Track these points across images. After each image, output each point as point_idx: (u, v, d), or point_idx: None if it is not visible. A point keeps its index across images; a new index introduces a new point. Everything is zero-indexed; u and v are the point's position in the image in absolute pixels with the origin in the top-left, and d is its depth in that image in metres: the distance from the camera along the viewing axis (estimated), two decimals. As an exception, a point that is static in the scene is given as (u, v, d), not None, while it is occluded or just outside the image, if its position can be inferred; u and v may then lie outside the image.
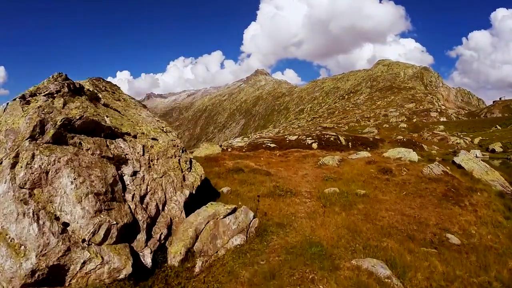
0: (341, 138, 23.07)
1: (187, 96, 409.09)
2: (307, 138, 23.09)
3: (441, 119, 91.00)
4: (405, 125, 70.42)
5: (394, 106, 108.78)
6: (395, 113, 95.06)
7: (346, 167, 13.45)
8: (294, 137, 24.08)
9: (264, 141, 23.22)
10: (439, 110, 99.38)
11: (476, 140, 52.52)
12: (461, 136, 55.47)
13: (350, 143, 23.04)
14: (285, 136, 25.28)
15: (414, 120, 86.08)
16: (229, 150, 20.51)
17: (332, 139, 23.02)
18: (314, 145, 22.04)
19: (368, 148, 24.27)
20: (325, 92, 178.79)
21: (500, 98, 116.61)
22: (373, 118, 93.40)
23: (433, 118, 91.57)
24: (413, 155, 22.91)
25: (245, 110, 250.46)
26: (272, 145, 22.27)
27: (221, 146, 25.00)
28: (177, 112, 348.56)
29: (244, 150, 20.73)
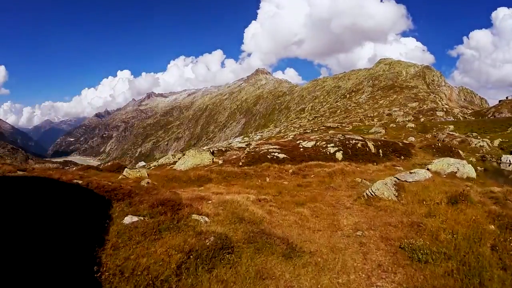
0: (370, 145, 16.94)
1: (188, 95, 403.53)
2: (328, 145, 17.11)
3: (448, 119, 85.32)
4: (412, 125, 64.90)
5: (397, 105, 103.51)
6: (399, 112, 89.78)
7: (418, 206, 7.39)
8: (311, 144, 17.91)
9: (270, 150, 17.11)
10: (444, 110, 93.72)
11: (496, 142, 46.96)
12: (478, 137, 49.68)
13: (380, 151, 17.01)
14: (298, 142, 19.20)
15: (422, 119, 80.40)
16: (220, 162, 14.55)
17: (359, 145, 16.81)
18: (339, 155, 16.25)
19: (402, 157, 18.23)
20: (326, 91, 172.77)
21: (507, 97, 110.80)
22: (377, 117, 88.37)
23: (439, 117, 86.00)
24: (469, 169, 16.68)
25: (245, 109, 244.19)
26: (281, 155, 16.28)
27: (213, 153, 18.88)
28: (178, 111, 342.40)
29: (241, 164, 14.74)
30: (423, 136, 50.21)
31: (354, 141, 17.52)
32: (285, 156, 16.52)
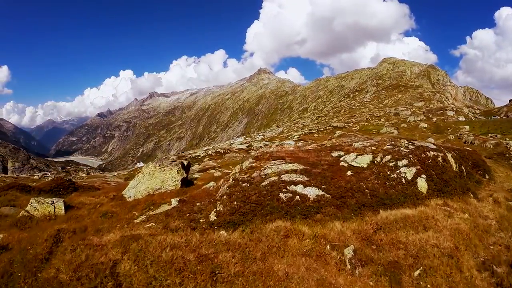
0: (449, 158, 10.64)
1: (190, 95, 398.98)
2: (399, 163, 9.65)
3: (460, 119, 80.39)
4: (425, 125, 59.99)
5: (403, 105, 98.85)
6: (406, 111, 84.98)
7: None
8: (364, 160, 9.93)
9: (283, 176, 8.76)
10: (454, 109, 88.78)
11: (525, 144, 41.78)
12: (507, 139, 44.52)
13: (463, 168, 11.01)
14: (337, 156, 10.88)
15: (434, 119, 75.55)
16: (175, 203, 8.51)
17: (440, 160, 10.25)
18: (422, 185, 9.08)
19: (487, 176, 12.95)
20: (329, 90, 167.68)
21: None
22: (384, 117, 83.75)
23: (450, 117, 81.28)
24: None
25: (248, 109, 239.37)
26: (311, 191, 8.13)
27: (186, 165, 13.04)
28: (180, 111, 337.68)
29: (214, 219, 7.45)
30: (445, 137, 45.05)
31: (432, 152, 10.52)
32: (320, 192, 8.06)
